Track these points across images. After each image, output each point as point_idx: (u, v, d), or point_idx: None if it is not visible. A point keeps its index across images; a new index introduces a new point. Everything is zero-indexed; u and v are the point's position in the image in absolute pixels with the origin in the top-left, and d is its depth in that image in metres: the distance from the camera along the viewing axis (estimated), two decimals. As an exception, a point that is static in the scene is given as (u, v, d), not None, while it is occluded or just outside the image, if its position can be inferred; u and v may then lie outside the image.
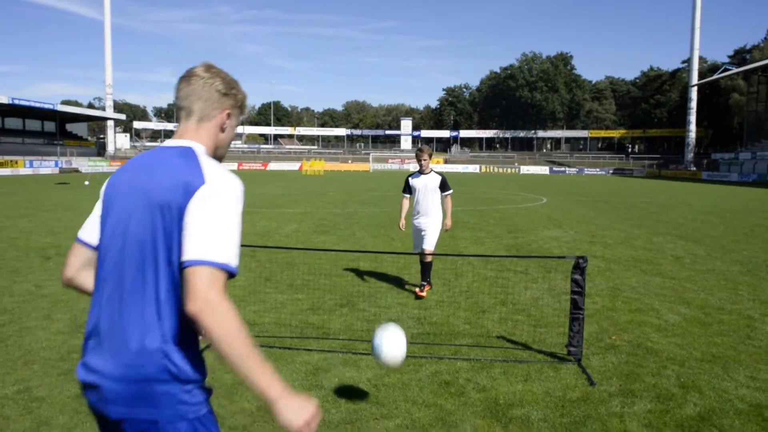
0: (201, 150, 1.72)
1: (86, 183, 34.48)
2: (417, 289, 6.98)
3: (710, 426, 3.61)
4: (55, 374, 4.29)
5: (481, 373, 4.46)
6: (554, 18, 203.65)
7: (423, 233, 7.08)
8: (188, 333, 1.63)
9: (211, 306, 1.47)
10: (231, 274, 1.57)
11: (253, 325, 5.57)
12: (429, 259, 7.04)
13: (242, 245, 6.08)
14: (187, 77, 1.77)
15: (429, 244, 7.01)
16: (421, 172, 7.17)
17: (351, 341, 5.18)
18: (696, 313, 6.31)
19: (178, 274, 1.59)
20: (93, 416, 1.69)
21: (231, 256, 1.56)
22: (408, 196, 7.30)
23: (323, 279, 7.61)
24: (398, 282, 7.66)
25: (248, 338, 1.50)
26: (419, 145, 7.44)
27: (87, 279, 1.82)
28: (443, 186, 7.13)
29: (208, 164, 1.67)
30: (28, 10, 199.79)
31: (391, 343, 3.62)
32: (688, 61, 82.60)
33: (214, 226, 1.56)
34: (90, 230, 1.81)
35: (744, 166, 65.22)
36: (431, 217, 7.07)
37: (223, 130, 1.81)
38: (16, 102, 57.72)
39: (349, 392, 4.08)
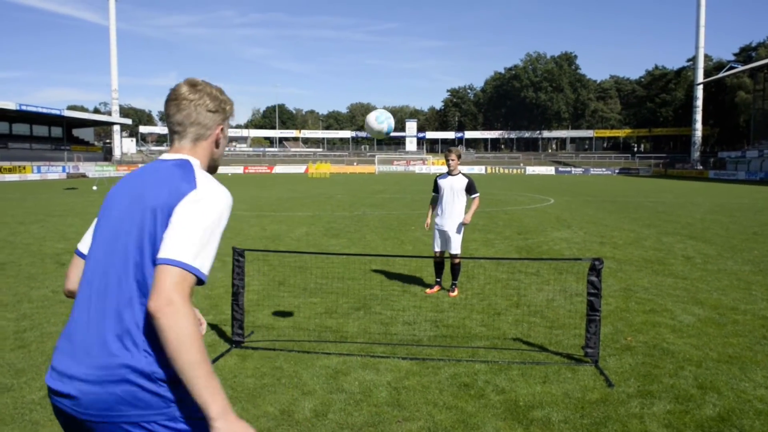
0: (197, 163, 1.76)
1: (94, 188, 34.67)
2: (448, 291, 7.24)
3: (730, 426, 3.64)
4: (79, 379, 4.35)
5: (499, 375, 4.49)
6: (558, 18, 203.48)
7: (446, 236, 7.21)
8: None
9: (173, 306, 1.45)
10: (200, 281, 1.56)
11: (271, 329, 5.63)
12: (457, 261, 7.19)
13: (255, 250, 6.12)
14: (175, 101, 1.77)
15: (455, 249, 7.16)
16: (449, 173, 7.27)
17: (368, 344, 5.22)
18: (710, 314, 6.32)
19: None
20: (63, 422, 1.65)
21: (203, 262, 1.56)
22: (437, 195, 7.42)
23: (337, 282, 7.65)
24: (411, 285, 7.71)
25: (201, 347, 1.47)
26: (449, 147, 7.60)
27: None
28: (470, 188, 7.23)
29: (201, 175, 1.70)
30: (34, 16, 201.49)
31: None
32: (694, 59, 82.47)
33: (192, 230, 1.56)
34: (87, 242, 1.82)
35: (751, 164, 64.96)
36: (454, 219, 7.19)
37: (218, 145, 1.85)
38: (24, 108, 58.19)
39: (370, 395, 4.13)
